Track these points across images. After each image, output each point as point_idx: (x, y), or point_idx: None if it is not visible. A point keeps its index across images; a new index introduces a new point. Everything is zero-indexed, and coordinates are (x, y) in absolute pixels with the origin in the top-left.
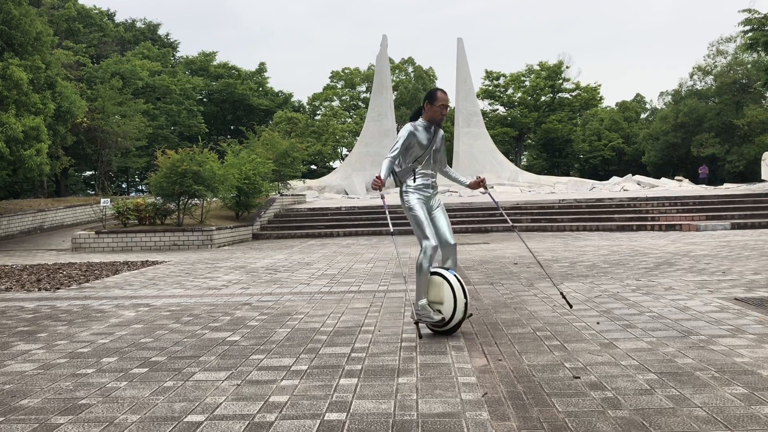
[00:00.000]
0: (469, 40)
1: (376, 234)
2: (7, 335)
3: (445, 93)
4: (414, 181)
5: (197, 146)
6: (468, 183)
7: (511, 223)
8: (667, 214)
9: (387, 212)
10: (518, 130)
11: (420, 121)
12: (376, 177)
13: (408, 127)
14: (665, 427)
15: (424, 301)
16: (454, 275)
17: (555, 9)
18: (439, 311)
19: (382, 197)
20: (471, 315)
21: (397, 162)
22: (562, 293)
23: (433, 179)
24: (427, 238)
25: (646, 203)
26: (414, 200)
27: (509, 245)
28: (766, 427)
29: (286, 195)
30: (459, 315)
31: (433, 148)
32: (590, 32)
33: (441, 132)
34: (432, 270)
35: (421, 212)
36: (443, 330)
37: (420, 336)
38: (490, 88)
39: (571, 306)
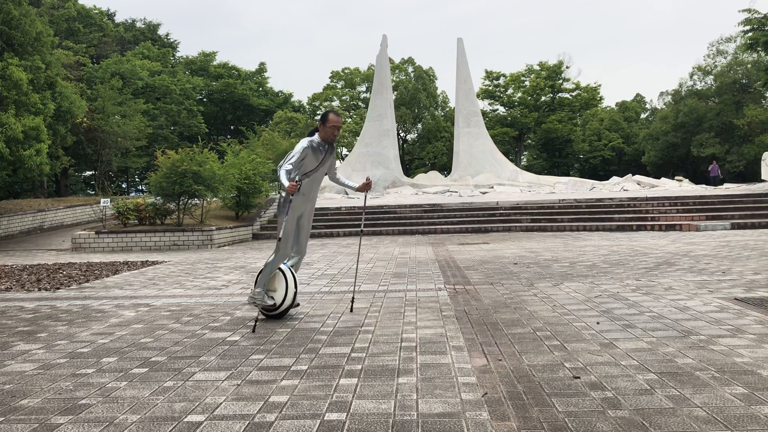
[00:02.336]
0: (469, 40)
1: (376, 234)
2: (7, 335)
3: (337, 116)
4: (298, 191)
5: (197, 146)
6: (356, 186)
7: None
8: (667, 214)
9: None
10: (518, 130)
11: (316, 138)
12: (291, 184)
13: (304, 142)
14: (665, 427)
15: (260, 289)
16: (292, 272)
17: (555, 9)
18: (273, 297)
19: (290, 201)
20: (298, 305)
21: (288, 168)
22: None
23: (314, 190)
24: (285, 246)
25: (646, 203)
26: (292, 209)
27: (509, 245)
28: (766, 427)
29: None
30: (288, 302)
31: (324, 164)
32: (590, 32)
33: (333, 151)
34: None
35: (291, 224)
36: (273, 314)
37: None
38: (490, 88)
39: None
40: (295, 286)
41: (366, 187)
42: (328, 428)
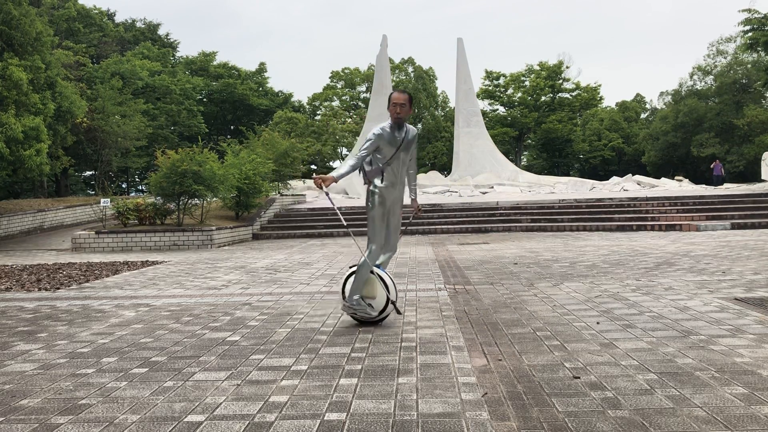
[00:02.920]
0: (469, 40)
1: None
2: (7, 335)
3: (401, 92)
4: (381, 182)
5: (197, 146)
6: (412, 198)
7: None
8: (667, 214)
9: (340, 215)
10: (518, 130)
11: (388, 123)
12: (323, 178)
13: (377, 128)
14: (665, 427)
15: (357, 297)
16: (387, 273)
17: (555, 9)
18: (371, 305)
19: (327, 194)
20: (400, 312)
21: (367, 160)
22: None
23: (399, 180)
24: (380, 242)
25: (646, 203)
26: (378, 201)
27: (509, 245)
28: (766, 427)
29: (286, 195)
30: (388, 310)
31: (407, 150)
32: (590, 32)
33: (412, 132)
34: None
35: (382, 214)
36: (372, 321)
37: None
38: (490, 88)
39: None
40: (395, 291)
41: (415, 211)
42: (328, 428)
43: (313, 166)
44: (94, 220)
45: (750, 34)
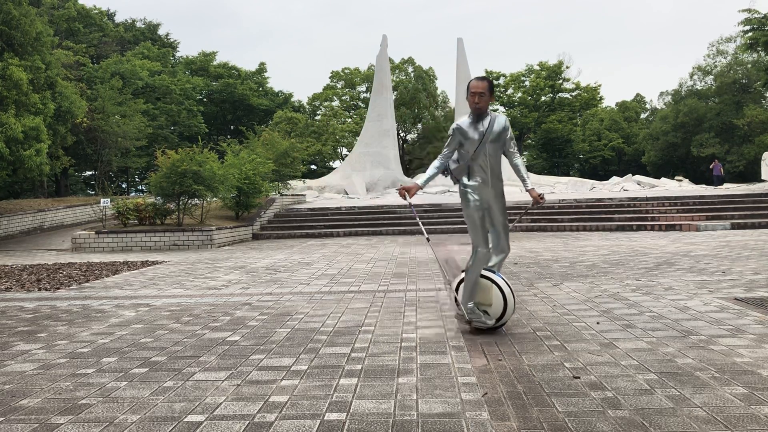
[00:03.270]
0: (469, 40)
1: (376, 234)
2: (7, 335)
3: (479, 80)
4: (469, 179)
5: (197, 146)
6: (528, 188)
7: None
8: (667, 214)
9: (418, 220)
10: (518, 130)
11: (466, 117)
12: (407, 188)
13: (453, 125)
14: (665, 427)
15: (472, 304)
16: (502, 277)
17: (555, 9)
18: (487, 313)
19: (409, 204)
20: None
21: (454, 158)
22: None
23: (493, 175)
24: (480, 244)
25: (646, 203)
26: (471, 200)
27: None
28: (766, 427)
29: (286, 195)
30: (508, 316)
31: (497, 142)
32: (590, 32)
33: (500, 121)
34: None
35: (476, 214)
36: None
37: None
38: None
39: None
40: (513, 296)
41: (534, 201)
42: (328, 428)
43: (313, 166)
44: (94, 220)
45: (750, 34)
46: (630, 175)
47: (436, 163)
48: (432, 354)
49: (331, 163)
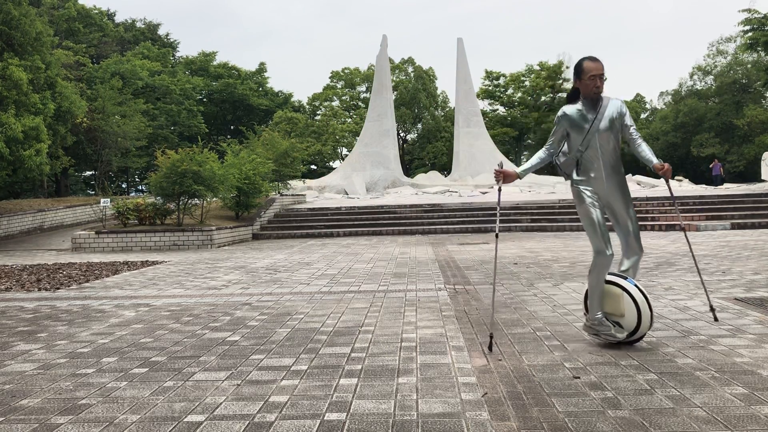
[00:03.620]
0: (469, 40)
1: (376, 234)
2: (7, 335)
3: (594, 61)
4: (577, 174)
5: (197, 146)
6: (654, 163)
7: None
8: (667, 214)
9: (498, 210)
10: (518, 130)
11: (572, 105)
12: (505, 173)
13: (559, 113)
14: (665, 427)
15: (600, 315)
16: (635, 284)
17: (555, 9)
18: (619, 325)
19: (499, 190)
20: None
21: (564, 150)
22: (711, 306)
23: (608, 166)
24: (599, 247)
25: (646, 203)
26: (584, 197)
27: (509, 245)
28: (766, 427)
29: (286, 195)
30: (644, 329)
31: (599, 128)
32: (590, 32)
33: (614, 105)
34: (606, 278)
35: (593, 212)
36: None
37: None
38: (490, 88)
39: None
40: (649, 306)
41: (665, 173)
42: (328, 428)
43: (313, 166)
44: (94, 220)
45: (750, 34)
46: (630, 175)
47: (540, 153)
48: (432, 354)
49: (331, 163)
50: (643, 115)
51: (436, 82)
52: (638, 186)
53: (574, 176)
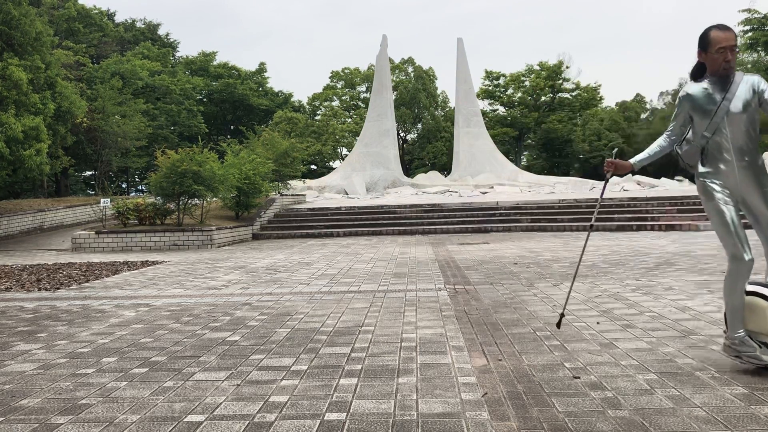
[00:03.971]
0: (469, 40)
1: (376, 234)
2: (7, 335)
3: (724, 30)
4: (703, 166)
5: (197, 146)
6: None
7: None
8: (667, 214)
9: (598, 203)
10: (518, 130)
11: (696, 83)
12: (618, 164)
13: (681, 93)
14: (665, 427)
15: (742, 333)
16: None
17: (555, 9)
18: (766, 345)
19: (606, 181)
20: None
21: (689, 137)
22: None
23: (741, 156)
24: (734, 251)
25: (646, 203)
26: (712, 193)
27: (509, 245)
28: (766, 427)
29: (286, 195)
30: None
31: (728, 109)
32: (590, 32)
33: (748, 82)
34: (749, 289)
35: (725, 210)
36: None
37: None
38: (490, 88)
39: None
40: None
41: None
42: (328, 428)
43: (313, 166)
44: (94, 220)
45: (750, 34)
46: (630, 174)
47: (660, 140)
48: (432, 354)
49: (331, 163)
50: (643, 115)
51: (436, 82)
52: (638, 186)
53: (700, 168)
